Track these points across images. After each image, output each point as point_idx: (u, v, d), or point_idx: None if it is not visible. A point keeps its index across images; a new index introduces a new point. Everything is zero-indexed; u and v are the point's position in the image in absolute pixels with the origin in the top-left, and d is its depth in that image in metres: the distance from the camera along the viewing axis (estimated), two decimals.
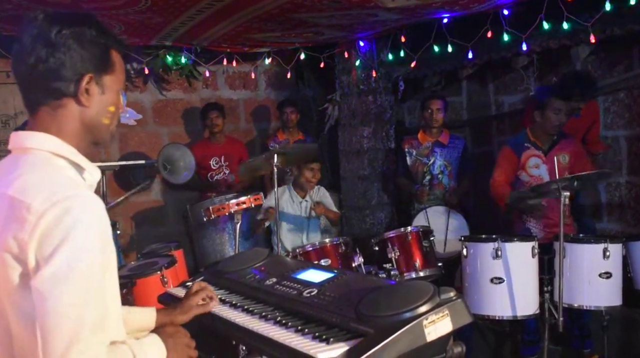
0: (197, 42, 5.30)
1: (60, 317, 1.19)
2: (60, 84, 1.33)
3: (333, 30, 4.99)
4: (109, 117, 1.42)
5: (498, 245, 3.49)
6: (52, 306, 1.19)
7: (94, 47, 1.36)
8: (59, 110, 1.36)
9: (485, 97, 5.91)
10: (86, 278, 1.23)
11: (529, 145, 4.16)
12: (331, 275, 1.91)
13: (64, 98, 1.35)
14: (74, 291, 1.20)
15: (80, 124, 1.38)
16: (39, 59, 1.31)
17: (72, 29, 1.33)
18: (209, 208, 3.70)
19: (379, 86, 5.68)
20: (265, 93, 6.53)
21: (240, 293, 2.04)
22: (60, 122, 1.36)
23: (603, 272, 3.51)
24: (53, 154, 1.34)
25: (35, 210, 1.21)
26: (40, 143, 1.34)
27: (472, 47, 4.73)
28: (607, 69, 4.88)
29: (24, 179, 1.27)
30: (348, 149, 5.80)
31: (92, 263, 1.24)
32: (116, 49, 1.43)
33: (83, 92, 1.35)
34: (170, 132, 6.08)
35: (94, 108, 1.38)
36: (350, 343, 1.46)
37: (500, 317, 3.55)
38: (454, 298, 1.53)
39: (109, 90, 1.40)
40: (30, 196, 1.23)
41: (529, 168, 4.13)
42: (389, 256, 3.82)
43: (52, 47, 1.31)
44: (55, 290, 1.19)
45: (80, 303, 1.22)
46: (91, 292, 1.24)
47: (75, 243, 1.21)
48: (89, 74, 1.35)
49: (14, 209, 1.23)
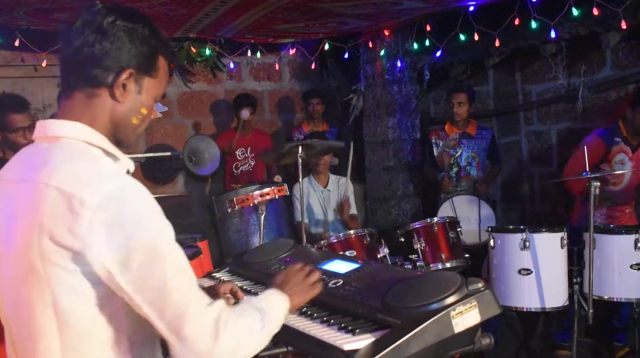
0: (221, 33, 5.31)
1: (169, 291, 1.22)
2: (99, 72, 1.31)
3: (357, 19, 4.95)
4: (139, 118, 1.39)
5: (526, 236, 3.44)
6: (155, 287, 1.21)
7: (143, 46, 1.34)
8: (93, 99, 1.33)
9: (512, 86, 5.81)
10: (173, 253, 1.25)
11: (619, 139, 4.03)
12: (357, 265, 1.89)
13: (100, 87, 1.33)
14: (169, 268, 1.23)
15: (109, 119, 1.35)
16: (86, 43, 1.30)
17: (126, 23, 1.32)
18: (233, 199, 3.71)
19: (404, 76, 5.63)
20: (289, 84, 6.52)
21: (265, 284, 2.02)
22: (93, 112, 1.34)
23: (634, 263, 3.44)
24: (87, 144, 1.32)
25: (88, 203, 1.18)
26: (74, 132, 1.32)
27: (499, 35, 4.66)
28: (638, 55, 4.76)
29: (67, 169, 1.24)
30: (373, 139, 5.77)
31: (171, 239, 1.26)
32: (165, 56, 1.40)
33: (119, 86, 1.33)
34: (196, 124, 6.10)
35: (127, 105, 1.36)
36: (377, 335, 1.45)
37: (528, 309, 3.50)
38: (482, 289, 1.50)
39: (146, 92, 1.38)
40: (79, 188, 1.20)
41: (614, 163, 4.02)
42: (414, 247, 3.79)
43: (102, 34, 1.30)
44: (153, 274, 1.21)
45: (180, 273, 1.25)
46: (181, 262, 1.27)
47: (149, 223, 1.22)
48: (130, 70, 1.33)
49: (64, 202, 1.20)
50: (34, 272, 1.23)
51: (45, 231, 1.20)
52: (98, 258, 1.19)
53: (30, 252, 1.22)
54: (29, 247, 1.22)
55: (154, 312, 1.23)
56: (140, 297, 1.22)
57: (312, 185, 4.61)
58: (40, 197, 1.23)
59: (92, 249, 1.18)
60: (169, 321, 1.23)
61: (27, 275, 1.24)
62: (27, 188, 1.26)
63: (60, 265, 1.21)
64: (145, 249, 1.20)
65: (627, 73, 4.81)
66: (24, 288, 1.25)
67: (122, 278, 1.20)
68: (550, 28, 4.33)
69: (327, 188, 4.65)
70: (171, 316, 1.23)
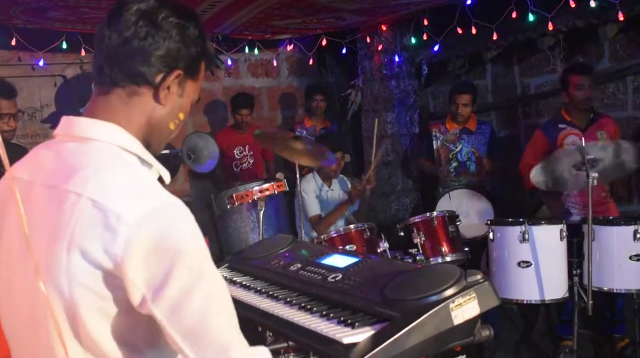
0: (218, 30, 5.30)
1: (208, 328, 1.12)
2: (147, 69, 1.20)
3: (354, 15, 4.95)
4: (176, 123, 1.29)
5: (525, 229, 3.44)
6: (193, 320, 1.11)
7: (192, 47, 1.24)
8: (133, 99, 1.21)
9: (511, 80, 5.80)
10: (215, 282, 1.15)
11: (564, 125, 4.20)
12: (356, 259, 1.89)
13: (144, 86, 1.21)
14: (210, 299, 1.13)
15: (147, 121, 1.24)
16: (136, 35, 1.18)
17: (179, 20, 1.22)
18: (232, 195, 3.72)
19: (402, 71, 5.63)
20: (287, 80, 6.51)
21: (264, 279, 2.04)
22: (131, 113, 1.22)
23: (634, 254, 3.44)
24: (123, 149, 1.20)
25: (128, 220, 1.06)
26: (109, 135, 1.19)
27: (497, 28, 4.66)
28: (635, 47, 4.76)
29: (102, 179, 1.11)
30: (371, 135, 5.75)
31: (212, 266, 1.16)
32: (205, 61, 1.31)
33: (165, 88, 1.22)
34: (193, 122, 6.10)
35: (168, 108, 1.25)
36: (376, 328, 1.45)
37: (528, 301, 3.51)
38: (480, 281, 1.50)
39: (187, 96, 1.28)
40: (117, 202, 1.07)
41: (567, 146, 4.12)
42: (414, 241, 3.80)
43: (155, 28, 1.19)
44: (192, 304, 1.10)
45: (221, 307, 1.15)
46: (224, 292, 1.17)
47: (190, 251, 1.10)
48: (179, 71, 1.22)
49: (99, 216, 1.07)
50: (58, 292, 1.09)
51: (74, 247, 1.07)
52: (133, 281, 1.07)
53: (54, 269, 1.09)
54: (54, 263, 1.09)
55: (190, 346, 1.11)
56: (173, 329, 1.10)
57: (317, 183, 4.54)
58: (70, 208, 1.09)
59: (127, 271, 1.06)
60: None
61: (48, 294, 1.08)
62: (53, 196, 1.13)
63: (89, 286, 1.08)
64: (185, 275, 1.08)
65: (625, 65, 4.82)
66: (41, 307, 1.12)
67: (156, 305, 1.08)
68: (547, 21, 4.33)
69: (331, 188, 4.60)
70: (211, 355, 1.12)
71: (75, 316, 1.10)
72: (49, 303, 1.08)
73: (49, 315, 1.10)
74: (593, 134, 4.13)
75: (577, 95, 4.09)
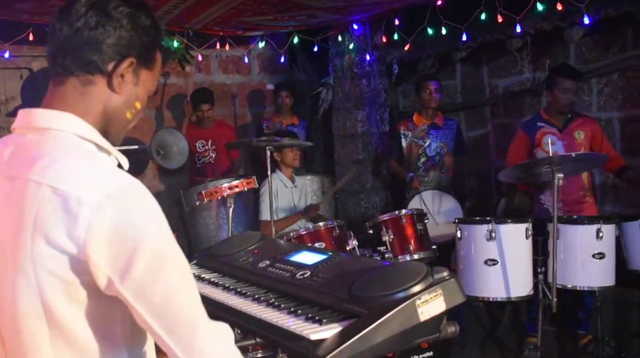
0: (189, 25, 5.26)
1: (175, 305, 1.14)
2: (99, 58, 1.21)
3: (326, 13, 4.95)
4: (132, 112, 1.30)
5: (492, 227, 3.49)
6: (161, 299, 1.12)
7: (145, 36, 1.26)
8: (88, 88, 1.23)
9: (480, 81, 5.88)
10: (178, 261, 1.17)
11: (542, 124, 4.26)
12: (324, 257, 1.90)
13: (97, 74, 1.23)
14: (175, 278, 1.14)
15: (103, 110, 1.25)
16: (87, 25, 1.20)
17: (131, 10, 1.24)
18: (201, 192, 3.70)
19: (373, 70, 5.66)
20: (258, 77, 6.49)
21: (233, 276, 2.03)
22: (87, 102, 1.23)
23: (596, 252, 3.52)
24: (80, 137, 1.21)
25: (88, 204, 1.07)
26: (66, 124, 1.21)
27: (466, 29, 4.71)
28: (601, 50, 4.86)
29: (61, 166, 1.13)
30: (342, 133, 5.79)
31: (175, 244, 1.17)
32: (161, 50, 1.33)
33: (118, 75, 1.24)
34: (163, 118, 6.04)
35: (123, 97, 1.27)
36: (344, 324, 1.46)
37: (495, 299, 3.56)
38: (447, 277, 1.52)
39: (142, 85, 1.29)
40: (76, 187, 1.09)
41: (544, 145, 4.17)
42: (383, 239, 3.83)
43: (105, 18, 1.21)
44: (158, 283, 1.12)
45: (186, 284, 1.17)
46: (187, 271, 1.19)
47: (153, 232, 1.12)
48: (132, 59, 1.24)
49: (59, 202, 1.09)
50: (24, 279, 1.11)
51: (38, 234, 1.09)
52: (97, 263, 1.09)
53: (19, 256, 1.11)
54: (19, 251, 1.11)
55: (160, 324, 1.14)
56: (142, 308, 1.12)
57: (282, 181, 4.57)
58: (32, 196, 1.11)
59: (90, 254, 1.08)
60: (179, 338, 1.14)
61: (15, 281, 1.12)
62: (14, 187, 1.14)
63: (55, 272, 1.10)
64: (149, 255, 1.10)
65: (590, 67, 4.91)
66: (11, 295, 1.14)
67: (123, 286, 1.10)
68: (515, 23, 4.39)
69: (294, 184, 4.63)
70: (181, 333, 1.15)
71: (43, 303, 1.12)
72: (16, 289, 1.11)
73: (13, 302, 1.12)
74: (571, 134, 4.19)
75: (561, 98, 4.12)
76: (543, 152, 4.19)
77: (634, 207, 4.67)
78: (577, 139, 4.17)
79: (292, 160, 4.55)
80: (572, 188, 3.96)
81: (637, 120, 4.69)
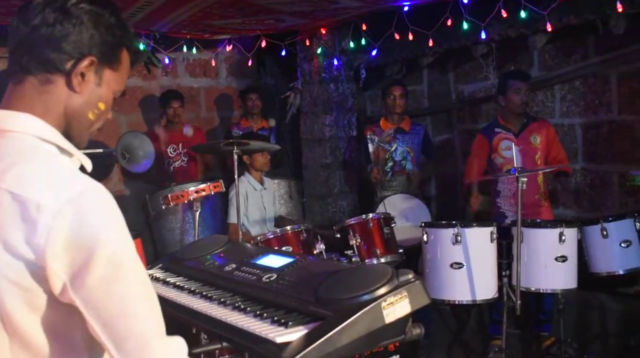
0: (156, 27, 5.21)
1: (126, 318, 1.10)
2: (57, 56, 1.17)
3: (294, 17, 4.96)
4: (95, 113, 1.26)
5: (458, 231, 3.53)
6: (113, 310, 1.09)
7: (108, 35, 1.22)
8: (46, 87, 1.19)
9: (446, 86, 5.95)
10: (135, 271, 1.13)
11: (499, 129, 4.36)
12: (291, 260, 1.90)
13: (56, 73, 1.19)
14: (130, 289, 1.11)
15: (64, 111, 1.21)
16: (45, 22, 1.16)
17: (92, 7, 1.20)
18: (167, 196, 3.66)
19: (341, 74, 5.68)
20: (226, 81, 6.46)
21: (199, 280, 2.01)
22: (46, 102, 1.19)
23: (559, 255, 3.58)
24: (41, 139, 1.17)
25: (48, 209, 1.05)
26: (26, 125, 1.16)
27: (433, 35, 4.76)
28: (563, 57, 4.97)
29: (20, 170, 1.10)
30: (310, 137, 5.78)
31: (134, 254, 1.14)
32: (129, 50, 1.29)
33: (78, 74, 1.20)
34: (129, 121, 5.96)
35: (84, 97, 1.22)
36: (309, 327, 1.46)
37: (460, 302, 3.60)
38: (412, 280, 1.53)
39: (106, 85, 1.25)
40: (36, 192, 1.06)
41: (501, 150, 4.30)
42: (350, 243, 3.84)
43: (64, 15, 1.17)
44: (111, 294, 1.09)
45: (142, 296, 1.13)
46: (145, 282, 1.15)
47: (111, 240, 1.09)
48: (92, 58, 1.20)
49: (18, 208, 1.06)
50: None
51: None
52: (53, 269, 1.06)
53: None
54: None
55: (109, 337, 1.10)
56: (93, 318, 1.09)
57: (251, 183, 4.55)
58: None
59: (48, 260, 1.05)
60: (126, 353, 1.11)
61: None
62: None
63: (13, 280, 1.07)
64: (104, 263, 1.07)
65: (553, 74, 5.01)
66: None
67: (75, 294, 1.07)
68: (481, 29, 4.46)
69: (264, 186, 4.62)
70: (129, 348, 1.10)
71: (5, 313, 1.08)
72: None
73: None
74: (527, 139, 4.29)
75: (515, 99, 4.24)
76: (500, 158, 4.28)
77: (594, 210, 4.78)
78: (532, 144, 4.28)
79: (261, 165, 4.53)
80: (528, 192, 4.02)
81: (598, 126, 4.81)
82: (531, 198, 4.21)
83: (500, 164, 4.29)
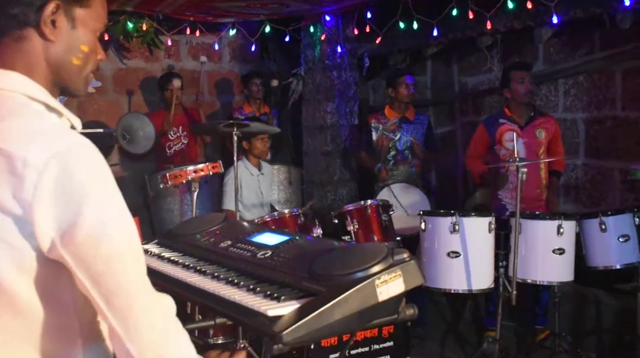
0: (159, 8, 5.18)
1: (114, 274, 1.09)
2: (20, 9, 1.13)
3: (299, 2, 4.93)
4: (80, 57, 1.21)
5: (456, 220, 3.52)
6: (101, 267, 1.08)
7: None
8: (21, 44, 1.16)
9: (449, 77, 5.93)
10: (123, 228, 1.11)
11: (504, 120, 4.31)
12: (286, 238, 1.89)
13: (26, 28, 1.15)
14: (119, 245, 1.10)
15: (46, 63, 1.18)
16: None
17: None
18: (165, 174, 3.66)
19: (344, 62, 5.65)
20: (228, 65, 6.43)
21: (194, 255, 2.00)
22: (26, 58, 1.16)
23: (556, 248, 3.57)
24: (28, 98, 1.15)
25: (34, 164, 1.03)
26: (14, 84, 1.15)
27: (438, 24, 4.73)
28: (568, 51, 4.93)
29: (7, 126, 1.09)
30: (311, 124, 5.77)
31: (123, 210, 1.12)
32: None
33: (47, 23, 1.15)
34: (130, 102, 5.95)
35: (62, 44, 1.18)
36: (302, 302, 1.45)
37: (456, 291, 3.60)
38: (407, 259, 1.52)
39: (81, 25, 1.20)
40: (22, 147, 1.05)
41: (505, 141, 4.25)
42: (348, 229, 3.84)
43: None
44: (99, 250, 1.07)
45: (129, 252, 1.12)
46: (133, 240, 1.13)
47: (98, 195, 1.07)
48: (55, 2, 1.15)
49: (5, 162, 1.05)
50: None
51: None
52: (41, 225, 1.04)
53: None
54: None
55: (99, 293, 1.10)
56: (82, 274, 1.08)
57: (248, 169, 4.53)
58: None
59: (35, 216, 1.04)
60: (116, 309, 1.10)
61: None
62: None
63: (2, 237, 1.06)
64: (93, 219, 1.06)
65: (557, 68, 4.98)
66: None
67: (64, 250, 1.06)
68: (486, 20, 4.43)
69: (261, 171, 4.60)
70: (118, 304, 1.10)
71: None
72: None
73: None
74: (532, 132, 4.25)
75: (519, 89, 4.20)
76: (504, 149, 4.25)
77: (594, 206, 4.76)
78: (538, 138, 4.25)
79: (260, 151, 4.50)
80: (530, 186, 4.00)
81: (601, 121, 4.78)
82: (532, 192, 4.20)
83: (504, 155, 4.25)
